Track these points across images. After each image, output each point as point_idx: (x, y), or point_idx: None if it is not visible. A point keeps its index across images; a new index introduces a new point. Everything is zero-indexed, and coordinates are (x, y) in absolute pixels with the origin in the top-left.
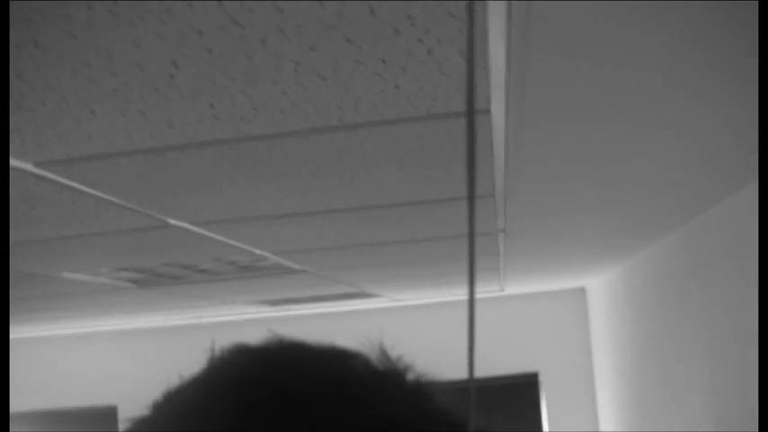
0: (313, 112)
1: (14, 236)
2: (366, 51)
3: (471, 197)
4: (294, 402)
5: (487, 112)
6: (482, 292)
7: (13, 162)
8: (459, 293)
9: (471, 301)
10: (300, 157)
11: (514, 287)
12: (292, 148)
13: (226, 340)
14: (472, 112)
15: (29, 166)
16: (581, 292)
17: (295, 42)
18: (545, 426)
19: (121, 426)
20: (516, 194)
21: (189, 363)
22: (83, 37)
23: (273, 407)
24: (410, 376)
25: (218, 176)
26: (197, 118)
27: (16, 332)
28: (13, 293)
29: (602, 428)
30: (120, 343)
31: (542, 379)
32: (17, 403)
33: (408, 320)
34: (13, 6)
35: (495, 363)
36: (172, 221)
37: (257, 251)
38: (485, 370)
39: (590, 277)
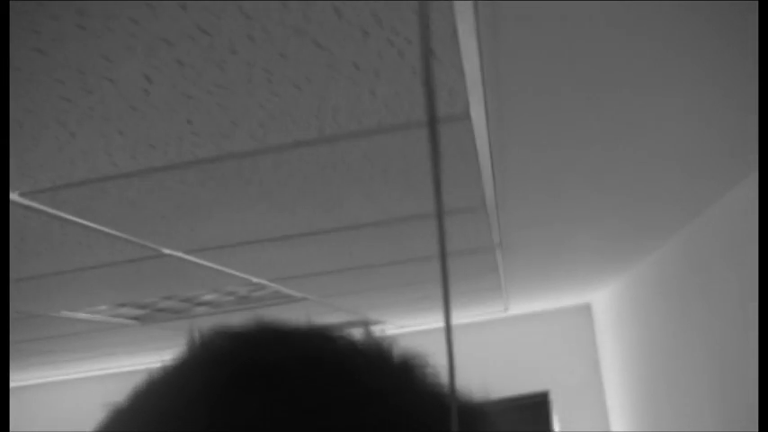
0: (292, 125)
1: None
2: (337, 56)
3: (440, 212)
4: (268, 377)
5: (467, 117)
6: (486, 312)
7: None
8: (463, 315)
9: (447, 316)
10: (285, 173)
11: (519, 306)
12: (276, 164)
13: None
14: (434, 121)
15: (15, 197)
16: (586, 308)
17: (265, 49)
18: None
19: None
20: (509, 204)
21: None
22: (52, 52)
23: (247, 383)
24: (396, 353)
25: (205, 198)
26: (176, 136)
27: (20, 378)
28: (15, 336)
29: None
30: (126, 385)
31: (553, 397)
32: None
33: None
34: None
35: (504, 384)
36: (166, 251)
37: (254, 279)
38: (494, 391)
39: (594, 292)
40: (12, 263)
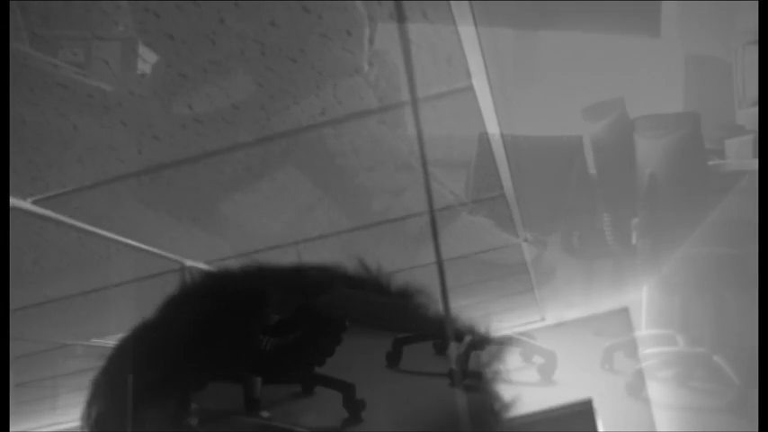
0: (294, 105)
1: (34, 295)
2: (327, 22)
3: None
4: (249, 307)
5: (470, 89)
6: (522, 323)
7: (11, 201)
8: (499, 326)
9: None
10: (295, 164)
11: (556, 314)
12: (284, 153)
13: None
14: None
15: (28, 205)
16: (624, 311)
17: (253, 18)
18: None
19: None
20: (530, 191)
21: None
22: (40, 31)
23: (226, 314)
24: (395, 282)
25: (216, 196)
26: (179, 123)
27: (59, 423)
28: (51, 371)
29: None
30: None
31: (597, 405)
32: None
33: None
34: None
35: (547, 394)
36: (188, 263)
37: None
38: (538, 403)
39: (631, 294)
40: (34, 281)
